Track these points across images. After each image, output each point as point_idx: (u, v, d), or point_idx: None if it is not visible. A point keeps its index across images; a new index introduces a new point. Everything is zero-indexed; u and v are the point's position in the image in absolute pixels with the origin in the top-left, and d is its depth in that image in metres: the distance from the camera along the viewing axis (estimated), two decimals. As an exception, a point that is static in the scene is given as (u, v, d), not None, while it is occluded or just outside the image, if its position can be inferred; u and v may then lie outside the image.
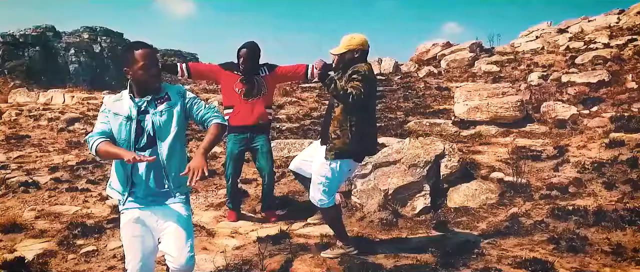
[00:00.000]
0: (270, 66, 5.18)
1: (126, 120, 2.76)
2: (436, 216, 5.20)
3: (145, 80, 2.76)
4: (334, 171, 3.92)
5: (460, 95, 8.50)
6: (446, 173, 5.52)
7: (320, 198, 3.98)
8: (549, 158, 6.33)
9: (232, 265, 4.06)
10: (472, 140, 7.76)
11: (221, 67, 5.21)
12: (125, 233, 2.82)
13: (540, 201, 5.25)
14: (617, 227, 4.48)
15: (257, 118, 5.04)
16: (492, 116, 8.02)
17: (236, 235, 4.81)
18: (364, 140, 3.94)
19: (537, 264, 3.84)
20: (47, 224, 5.12)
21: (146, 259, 2.84)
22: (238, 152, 5.14)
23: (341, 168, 3.95)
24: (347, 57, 4.00)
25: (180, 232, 2.79)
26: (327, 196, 3.97)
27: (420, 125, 8.68)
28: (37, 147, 10.43)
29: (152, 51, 2.80)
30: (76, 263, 4.21)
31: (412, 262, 4.00)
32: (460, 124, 8.32)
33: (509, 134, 7.76)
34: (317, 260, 3.98)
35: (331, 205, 4.04)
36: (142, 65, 2.71)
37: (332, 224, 4.19)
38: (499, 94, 8.13)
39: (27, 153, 9.60)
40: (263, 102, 5.07)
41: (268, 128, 5.34)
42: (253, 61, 5.04)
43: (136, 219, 2.79)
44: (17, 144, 10.64)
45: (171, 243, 2.78)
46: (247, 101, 5.01)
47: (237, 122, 5.02)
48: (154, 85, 2.79)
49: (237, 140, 5.09)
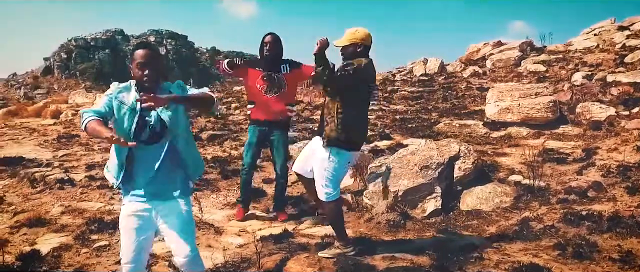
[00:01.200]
0: (292, 63, 5.24)
1: (130, 112, 2.81)
2: (446, 219, 5.13)
3: (139, 79, 2.84)
4: (333, 161, 3.99)
5: (492, 96, 8.30)
6: (460, 175, 5.43)
7: (326, 191, 4.02)
8: (575, 161, 6.10)
9: (231, 263, 4.15)
10: (501, 142, 7.57)
11: (246, 63, 5.34)
12: (123, 225, 2.92)
13: (557, 205, 5.08)
14: (632, 234, 4.28)
15: (277, 114, 5.15)
16: (523, 117, 7.78)
17: (243, 234, 4.91)
18: (351, 129, 4.00)
19: (534, 270, 3.73)
20: (70, 220, 5.40)
21: (140, 252, 2.92)
22: (256, 142, 5.27)
23: (338, 157, 4.01)
24: (350, 49, 4.06)
25: (181, 226, 2.86)
26: (331, 187, 4.02)
27: (449, 127, 8.54)
28: (84, 146, 10.96)
29: (151, 53, 2.85)
30: (88, 257, 4.42)
31: (407, 264, 3.98)
32: (490, 126, 8.13)
33: (540, 136, 7.51)
34: (312, 260, 4.02)
35: (336, 199, 4.07)
36: (138, 64, 2.80)
37: (334, 219, 4.20)
38: (532, 95, 7.87)
39: (73, 151, 10.09)
40: (283, 98, 5.16)
41: (287, 124, 5.44)
42: (277, 49, 5.18)
43: (135, 211, 2.88)
44: (66, 143, 11.22)
45: (172, 238, 2.87)
46: (268, 97, 5.12)
47: (256, 116, 5.21)
48: (147, 86, 2.83)
49: (255, 131, 5.24)
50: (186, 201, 2.96)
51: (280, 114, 5.19)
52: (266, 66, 5.13)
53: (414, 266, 3.94)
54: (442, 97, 12.22)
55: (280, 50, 5.21)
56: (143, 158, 2.85)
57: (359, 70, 3.92)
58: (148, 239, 2.96)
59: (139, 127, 2.80)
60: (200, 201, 5.71)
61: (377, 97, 9.70)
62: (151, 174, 2.86)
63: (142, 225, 2.89)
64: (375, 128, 9.56)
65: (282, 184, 5.36)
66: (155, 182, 2.87)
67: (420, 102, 12.11)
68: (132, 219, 2.89)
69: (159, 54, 2.96)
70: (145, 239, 2.93)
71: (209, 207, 5.88)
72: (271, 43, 5.15)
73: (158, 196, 2.88)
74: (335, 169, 4.04)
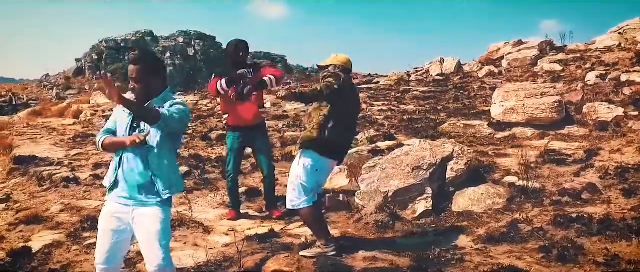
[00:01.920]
0: (255, 67, 5.35)
1: (128, 115, 2.94)
2: (437, 220, 5.09)
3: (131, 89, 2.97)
4: (304, 168, 4.00)
5: (497, 96, 8.19)
6: (452, 176, 5.38)
7: (291, 199, 4.05)
8: (575, 162, 5.99)
9: (213, 261, 4.20)
10: (504, 142, 7.47)
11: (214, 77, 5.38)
12: (101, 225, 2.99)
13: (549, 207, 5.00)
14: (622, 237, 4.20)
15: (251, 118, 5.22)
16: (528, 118, 7.66)
17: (232, 233, 4.93)
18: (330, 134, 3.99)
19: None
20: (67, 217, 5.51)
21: (114, 252, 2.98)
22: (238, 148, 5.35)
23: (310, 163, 4.02)
24: (330, 69, 4.16)
25: (155, 234, 2.88)
26: (297, 196, 4.03)
27: (454, 127, 8.46)
28: (97, 145, 11.16)
29: (135, 68, 2.93)
30: (77, 254, 4.51)
31: (386, 265, 3.97)
32: (495, 126, 8.02)
33: (545, 137, 7.38)
34: (291, 259, 4.02)
35: (305, 206, 4.07)
36: (129, 79, 2.95)
37: (310, 225, 4.24)
38: (538, 95, 7.75)
39: (86, 151, 10.29)
40: (255, 102, 5.21)
41: (264, 126, 5.55)
42: (239, 55, 5.26)
43: (114, 213, 2.95)
44: (81, 143, 11.45)
45: (145, 244, 2.91)
46: (241, 103, 5.17)
47: (233, 122, 5.29)
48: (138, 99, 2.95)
49: (235, 137, 5.31)
50: (164, 210, 2.97)
51: (255, 117, 5.28)
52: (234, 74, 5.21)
53: (393, 266, 3.92)
54: (454, 98, 12.10)
55: (244, 56, 5.28)
56: (129, 163, 2.93)
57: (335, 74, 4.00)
58: (124, 242, 3.01)
59: (132, 130, 2.92)
60: (190, 199, 5.81)
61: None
62: (133, 179, 2.92)
63: (119, 227, 2.94)
64: (381, 128, 9.53)
65: (270, 183, 5.42)
66: (137, 187, 2.92)
67: (431, 102, 12.01)
68: (111, 220, 2.95)
69: (150, 67, 2.98)
70: (121, 242, 2.98)
71: (205, 206, 5.95)
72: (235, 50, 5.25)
73: (138, 200, 2.93)
74: (306, 174, 4.03)
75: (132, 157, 2.92)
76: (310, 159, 4.01)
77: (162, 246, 2.88)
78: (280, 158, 7.85)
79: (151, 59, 3.05)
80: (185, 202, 5.78)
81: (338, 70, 4.10)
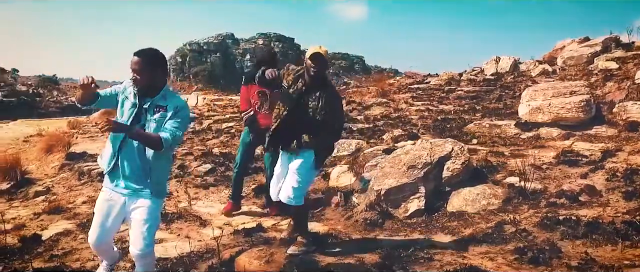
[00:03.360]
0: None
1: (131, 106, 3.21)
2: (428, 219, 5.07)
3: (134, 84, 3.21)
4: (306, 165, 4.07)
5: (525, 95, 7.94)
6: (447, 176, 5.33)
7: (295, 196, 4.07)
8: (587, 164, 5.73)
9: (195, 252, 4.43)
10: (527, 143, 7.24)
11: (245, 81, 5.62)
12: (98, 208, 3.33)
13: (544, 208, 4.85)
14: (608, 241, 4.04)
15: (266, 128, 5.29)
16: (554, 117, 7.38)
17: (226, 227, 5.17)
18: None
19: None
20: (86, 209, 5.95)
21: (105, 233, 3.31)
22: (249, 142, 5.54)
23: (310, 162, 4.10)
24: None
25: (143, 221, 3.19)
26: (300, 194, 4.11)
27: (479, 127, 8.27)
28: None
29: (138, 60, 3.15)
30: (82, 242, 4.88)
31: (353, 261, 4.02)
32: (522, 126, 7.78)
33: (570, 137, 7.09)
34: (263, 253, 4.18)
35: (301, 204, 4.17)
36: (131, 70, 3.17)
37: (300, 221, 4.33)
38: (566, 94, 7.44)
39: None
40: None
41: None
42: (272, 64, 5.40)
43: (109, 199, 3.28)
44: (133, 141, 12.14)
45: (132, 230, 3.24)
46: (260, 113, 5.37)
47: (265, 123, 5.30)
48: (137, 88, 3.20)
49: (250, 132, 5.49)
50: (155, 201, 3.27)
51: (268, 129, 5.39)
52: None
53: (359, 263, 3.98)
54: (497, 97, 11.77)
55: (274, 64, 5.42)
56: (129, 153, 3.21)
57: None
58: (116, 224, 3.34)
59: (133, 122, 3.17)
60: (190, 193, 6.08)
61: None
62: (130, 171, 3.21)
63: (113, 211, 3.26)
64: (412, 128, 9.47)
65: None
66: (134, 177, 3.22)
67: (473, 102, 11.75)
68: (107, 205, 3.28)
69: (152, 61, 3.20)
70: (113, 225, 3.31)
71: (214, 201, 6.21)
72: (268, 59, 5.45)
73: (133, 190, 3.23)
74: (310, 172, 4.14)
75: (130, 151, 3.20)
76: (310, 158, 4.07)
77: (147, 234, 3.18)
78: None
79: (152, 52, 3.24)
80: (185, 197, 6.08)
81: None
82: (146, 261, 3.29)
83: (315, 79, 3.93)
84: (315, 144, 3.98)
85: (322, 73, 3.95)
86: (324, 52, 3.91)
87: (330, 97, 3.94)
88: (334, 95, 4.02)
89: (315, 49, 3.90)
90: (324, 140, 4.02)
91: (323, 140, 4.01)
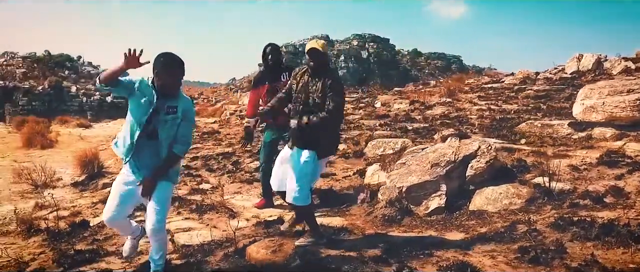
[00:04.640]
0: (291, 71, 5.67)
1: (148, 104, 3.57)
2: (448, 217, 5.08)
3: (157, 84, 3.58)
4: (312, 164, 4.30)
5: (581, 93, 7.60)
6: (471, 174, 5.30)
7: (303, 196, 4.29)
8: (628, 165, 5.45)
9: (216, 240, 4.76)
10: (577, 143, 6.94)
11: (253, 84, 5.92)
12: (115, 188, 3.77)
13: (568, 209, 4.71)
14: (621, 244, 3.90)
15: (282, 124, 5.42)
16: (607, 117, 7.00)
17: (253, 219, 5.47)
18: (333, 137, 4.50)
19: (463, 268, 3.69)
20: (137, 199, 6.48)
21: (120, 207, 3.72)
22: (270, 142, 5.77)
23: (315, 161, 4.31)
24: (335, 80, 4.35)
25: (157, 202, 3.64)
26: (307, 193, 4.33)
27: (531, 127, 8.01)
28: (218, 141, 12.47)
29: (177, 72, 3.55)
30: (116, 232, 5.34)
31: (354, 255, 4.16)
32: (576, 126, 7.45)
33: (623, 138, 6.71)
34: (272, 244, 4.42)
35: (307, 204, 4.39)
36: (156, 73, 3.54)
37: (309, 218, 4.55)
38: (623, 92, 7.04)
39: (202, 145, 11.61)
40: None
41: None
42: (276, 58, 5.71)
43: (128, 181, 3.71)
44: (205, 139, 12.87)
45: (149, 210, 3.67)
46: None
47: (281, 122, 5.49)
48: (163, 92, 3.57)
49: (269, 133, 5.77)
50: (167, 184, 3.74)
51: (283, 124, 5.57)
52: (270, 77, 5.62)
53: (360, 257, 4.11)
54: (568, 96, 11.25)
55: (279, 58, 5.67)
56: (145, 146, 3.66)
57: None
58: (130, 205, 3.82)
59: (149, 118, 3.57)
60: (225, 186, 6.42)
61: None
62: (148, 160, 3.67)
63: (129, 193, 3.70)
64: (468, 128, 9.33)
65: None
66: (150, 168, 3.67)
67: (541, 101, 11.31)
68: (124, 187, 3.72)
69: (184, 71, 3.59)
70: (128, 205, 3.78)
71: (251, 196, 6.55)
72: (271, 53, 5.67)
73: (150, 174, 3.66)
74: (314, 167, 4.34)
75: (147, 144, 3.63)
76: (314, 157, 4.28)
77: (160, 212, 3.62)
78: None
79: (182, 61, 3.57)
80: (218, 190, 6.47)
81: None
82: (160, 236, 3.67)
83: (315, 71, 4.26)
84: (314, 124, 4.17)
85: (319, 65, 4.26)
86: (320, 46, 4.23)
87: (327, 81, 4.20)
88: (333, 78, 4.24)
89: (312, 45, 4.24)
90: (324, 120, 4.17)
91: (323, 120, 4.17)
